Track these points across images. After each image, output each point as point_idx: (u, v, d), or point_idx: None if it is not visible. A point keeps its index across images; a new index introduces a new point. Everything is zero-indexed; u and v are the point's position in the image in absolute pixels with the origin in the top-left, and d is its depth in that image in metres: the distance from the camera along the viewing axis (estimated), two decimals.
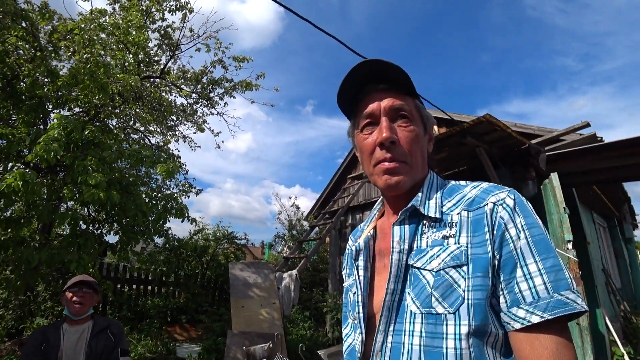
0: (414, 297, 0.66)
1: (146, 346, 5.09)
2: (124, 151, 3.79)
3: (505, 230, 0.63)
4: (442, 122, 6.37)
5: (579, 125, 4.15)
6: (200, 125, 6.90)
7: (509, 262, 0.61)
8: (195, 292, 6.91)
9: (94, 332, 2.15)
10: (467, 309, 0.60)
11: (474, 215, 0.66)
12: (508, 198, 0.65)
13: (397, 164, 0.72)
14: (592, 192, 6.13)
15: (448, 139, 3.84)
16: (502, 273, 0.61)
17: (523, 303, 0.58)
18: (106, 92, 4.12)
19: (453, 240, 0.66)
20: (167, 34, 6.14)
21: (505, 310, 0.60)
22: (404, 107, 0.74)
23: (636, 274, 9.65)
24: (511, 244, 0.62)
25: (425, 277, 0.65)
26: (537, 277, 0.59)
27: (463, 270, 0.62)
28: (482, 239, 0.63)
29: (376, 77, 0.75)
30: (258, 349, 2.41)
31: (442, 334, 0.61)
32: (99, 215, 4.39)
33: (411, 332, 0.64)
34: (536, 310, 0.57)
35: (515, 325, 0.59)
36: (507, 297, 0.61)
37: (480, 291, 0.61)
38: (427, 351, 0.61)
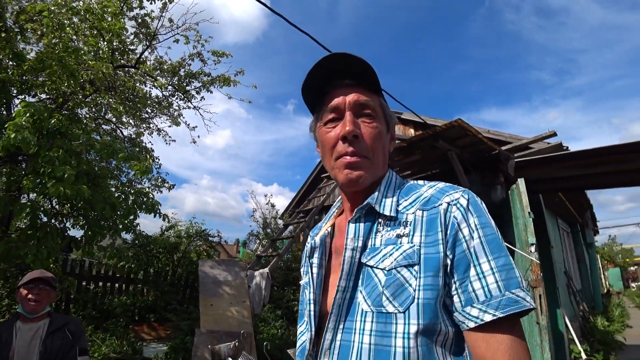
0: (365, 295, 0.65)
1: (111, 346, 4.91)
2: (94, 143, 3.63)
3: (458, 230, 0.63)
4: (418, 126, 6.49)
5: (547, 134, 4.33)
6: (176, 118, 6.72)
7: (462, 262, 0.62)
8: (164, 290, 6.73)
9: (50, 330, 2.05)
10: (417, 308, 0.60)
11: (429, 215, 0.66)
12: (462, 198, 0.66)
13: (358, 159, 0.71)
14: (558, 199, 6.42)
15: (421, 141, 3.91)
16: (456, 272, 0.62)
17: (476, 302, 0.59)
18: (76, 79, 3.94)
19: (406, 240, 0.66)
20: (145, 23, 5.94)
21: (460, 309, 0.61)
22: (369, 103, 0.74)
23: (595, 277, 10.20)
24: (464, 244, 0.62)
25: (377, 275, 0.65)
26: (490, 275, 0.60)
27: (414, 270, 0.62)
28: (434, 239, 0.64)
29: (343, 72, 0.74)
30: (223, 348, 2.37)
31: (391, 332, 0.61)
32: (63, 208, 4.19)
33: (361, 331, 0.63)
34: (489, 308, 0.58)
35: (469, 324, 0.60)
36: (461, 296, 0.61)
37: (431, 290, 0.61)
38: (376, 349, 0.61)
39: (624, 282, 18.98)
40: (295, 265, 8.08)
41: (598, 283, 10.40)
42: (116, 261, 5.46)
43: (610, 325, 7.08)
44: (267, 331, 5.29)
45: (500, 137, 5.25)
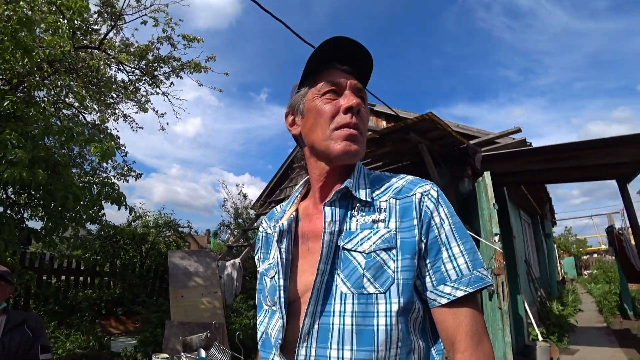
0: (344, 278, 0.67)
1: (76, 342, 4.73)
2: (52, 127, 3.41)
3: (431, 218, 0.69)
4: (390, 118, 6.58)
5: (512, 130, 4.52)
6: (143, 104, 6.45)
7: (434, 246, 0.68)
8: (132, 283, 6.52)
9: (7, 327, 1.93)
10: (397, 288, 0.65)
11: (402, 203, 0.71)
12: (432, 190, 0.72)
13: (358, 133, 0.74)
14: (520, 192, 6.75)
15: (392, 133, 3.98)
16: (428, 256, 0.68)
17: (449, 280, 0.65)
18: (31, 56, 3.66)
19: (383, 225, 0.69)
20: (109, 1, 5.60)
21: (432, 288, 0.67)
22: (363, 92, 0.79)
23: (552, 265, 10.90)
24: (436, 230, 0.68)
25: (357, 258, 0.67)
26: (460, 257, 0.67)
27: (392, 253, 0.67)
28: (410, 224, 0.68)
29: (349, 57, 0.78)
30: (195, 339, 2.34)
31: (373, 312, 0.64)
32: (19, 197, 3.94)
33: (342, 313, 0.65)
34: (460, 285, 0.65)
35: (441, 300, 0.66)
36: (433, 276, 0.67)
37: (408, 271, 0.66)
38: (359, 330, 0.63)
39: (578, 270, 20.36)
40: None
41: (555, 271, 11.14)
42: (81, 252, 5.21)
43: (564, 309, 7.62)
44: (240, 321, 5.26)
45: (468, 131, 5.43)
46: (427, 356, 0.68)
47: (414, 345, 0.65)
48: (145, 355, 4.15)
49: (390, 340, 0.62)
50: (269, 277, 0.78)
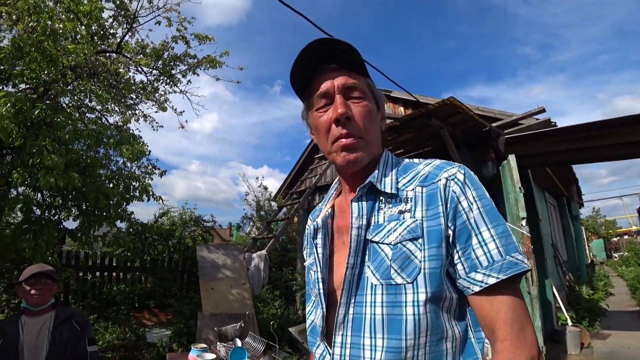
0: (373, 269, 0.69)
1: (114, 333, 4.98)
2: (81, 131, 3.55)
3: (458, 202, 0.67)
4: (408, 104, 6.49)
5: (536, 111, 4.39)
6: (162, 104, 6.56)
7: (463, 232, 0.66)
8: (162, 277, 6.77)
9: (57, 322, 2.06)
10: (424, 278, 0.65)
11: (428, 191, 0.70)
12: (459, 173, 0.70)
13: (354, 140, 0.74)
14: (545, 174, 6.57)
15: (414, 120, 3.93)
16: (458, 242, 0.66)
17: (480, 267, 0.64)
18: (56, 65, 3.79)
19: (409, 215, 0.69)
20: (124, 5, 5.70)
21: (464, 276, 0.66)
22: (357, 85, 0.76)
23: (580, 248, 10.59)
24: (464, 215, 0.67)
25: (384, 250, 0.69)
26: (491, 242, 0.65)
27: (419, 242, 0.67)
28: (435, 212, 0.68)
29: (328, 57, 0.76)
30: (229, 329, 2.43)
31: (401, 302, 0.65)
32: (54, 200, 4.13)
33: (372, 303, 0.67)
34: (492, 272, 0.63)
35: (474, 288, 0.65)
36: (464, 263, 0.66)
37: (435, 260, 0.66)
38: (389, 319, 0.65)
39: (607, 252, 19.72)
40: (291, 246, 8.18)
41: (583, 254, 10.83)
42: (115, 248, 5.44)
43: (595, 293, 7.44)
44: (267, 311, 5.41)
45: (489, 113, 5.30)
46: (463, 344, 0.67)
47: (446, 333, 0.66)
48: (180, 345, 4.34)
49: (419, 329, 0.64)
50: (313, 270, 0.82)
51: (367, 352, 0.67)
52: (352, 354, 0.69)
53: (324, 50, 0.75)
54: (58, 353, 1.99)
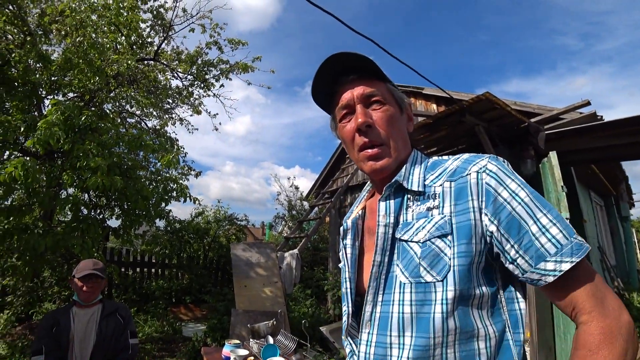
0: (402, 268, 0.69)
1: (153, 326, 5.23)
2: (123, 136, 3.77)
3: (496, 195, 0.64)
4: (440, 101, 6.32)
5: (579, 104, 4.13)
6: (197, 107, 6.82)
7: (513, 224, 0.63)
8: (198, 274, 7.03)
9: (104, 314, 2.21)
10: (454, 275, 0.64)
11: (456, 185, 0.68)
12: (490, 164, 0.68)
13: (378, 150, 0.75)
14: (590, 171, 6.16)
15: (447, 117, 3.82)
16: (510, 236, 0.63)
17: (549, 255, 0.60)
18: (101, 74, 4.05)
19: (437, 211, 0.68)
20: (160, 15, 5.98)
21: (531, 269, 0.62)
22: (375, 92, 0.77)
23: (631, 252, 9.81)
24: (508, 206, 0.63)
25: (413, 248, 0.68)
26: (552, 227, 0.61)
27: (448, 239, 0.65)
28: (464, 207, 0.66)
29: (346, 69, 0.78)
30: (262, 326, 2.49)
31: (431, 300, 0.64)
32: (99, 200, 4.41)
33: (401, 302, 0.67)
34: (564, 257, 0.60)
35: (547, 279, 0.61)
36: (525, 256, 0.62)
37: (465, 257, 0.64)
38: (418, 317, 0.65)
39: None
40: (323, 246, 8.21)
41: (633, 258, 10.01)
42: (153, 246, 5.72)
43: None
44: (298, 310, 5.46)
45: (527, 108, 5.04)
46: (499, 345, 0.65)
47: (477, 332, 0.64)
48: (214, 340, 4.48)
49: (447, 327, 0.63)
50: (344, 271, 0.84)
51: (394, 350, 0.67)
52: (377, 352, 0.69)
53: (341, 63, 0.77)
54: (104, 343, 2.13)
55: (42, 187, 3.48)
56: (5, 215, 3.24)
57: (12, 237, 3.22)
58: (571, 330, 3.22)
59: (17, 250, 3.32)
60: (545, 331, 3.45)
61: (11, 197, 3.92)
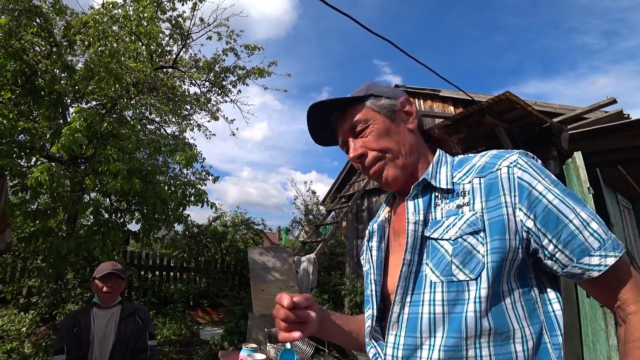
0: (433, 267, 0.67)
1: (171, 329, 5.29)
2: (142, 141, 3.86)
3: (531, 189, 0.63)
4: (458, 103, 6.22)
5: (605, 102, 3.97)
6: (214, 113, 6.94)
7: (550, 218, 0.61)
8: (215, 277, 7.10)
9: (123, 316, 2.24)
10: (487, 273, 0.61)
11: (486, 181, 0.66)
12: (520, 159, 0.66)
13: (377, 166, 0.77)
14: (617, 173, 5.91)
15: (466, 118, 3.75)
16: (547, 230, 0.61)
17: (593, 250, 0.59)
18: (121, 82, 4.17)
19: (468, 208, 0.66)
20: (178, 24, 6.13)
21: (572, 263, 0.61)
22: (356, 122, 0.78)
23: None
24: (544, 200, 0.62)
25: (444, 246, 0.66)
26: (592, 222, 0.60)
27: (480, 236, 0.63)
28: (496, 203, 0.64)
29: (328, 108, 0.81)
30: None
31: (464, 300, 0.62)
32: (120, 204, 4.52)
33: (431, 302, 0.64)
34: (608, 252, 0.59)
35: (592, 274, 0.60)
36: (565, 251, 0.61)
37: (498, 253, 0.61)
38: (450, 317, 0.62)
39: None
40: (340, 250, 8.16)
41: None
42: (172, 250, 5.82)
43: None
44: None
45: (549, 108, 4.90)
46: (536, 347, 0.61)
47: (513, 333, 0.61)
48: (231, 344, 4.49)
49: (480, 326, 0.60)
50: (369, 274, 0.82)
51: (423, 352, 0.64)
52: (405, 354, 0.66)
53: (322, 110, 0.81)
54: (123, 344, 2.16)
55: (66, 191, 3.59)
56: (31, 218, 3.35)
57: (38, 239, 3.33)
58: (600, 340, 3.06)
59: (42, 253, 3.42)
60: (573, 340, 3.30)
61: (37, 202, 4.07)
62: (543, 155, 4.00)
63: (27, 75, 3.80)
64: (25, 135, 3.47)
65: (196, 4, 5.79)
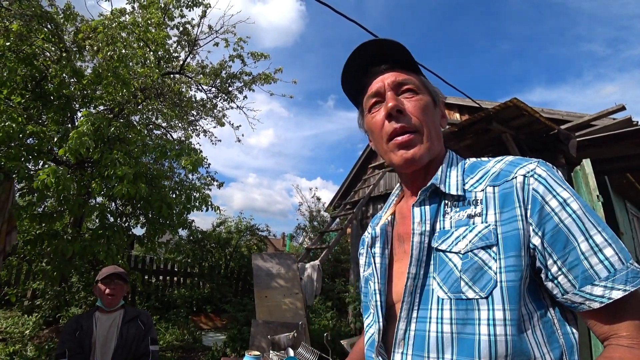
0: (440, 281, 0.62)
1: (174, 334, 5.26)
2: (148, 146, 3.88)
3: (544, 203, 0.57)
4: (464, 110, 6.20)
5: (613, 109, 3.93)
6: (220, 119, 6.97)
7: (559, 237, 0.56)
8: (219, 283, 7.06)
9: (125, 320, 2.23)
10: (501, 292, 0.56)
11: (501, 190, 0.61)
12: (538, 169, 0.61)
13: (410, 136, 0.69)
14: (626, 180, 5.83)
15: (473, 125, 3.72)
16: (553, 251, 0.56)
17: (597, 279, 0.53)
18: (128, 87, 4.21)
19: (480, 219, 0.61)
20: (186, 30, 6.20)
21: (574, 290, 0.55)
22: (407, 80, 0.72)
23: None
24: (555, 217, 0.57)
25: (452, 260, 0.62)
26: (607, 248, 0.54)
27: (493, 251, 0.58)
28: (511, 215, 0.59)
29: (378, 59, 0.73)
30: (283, 338, 2.44)
31: (474, 319, 0.57)
32: (125, 209, 4.53)
33: (439, 319, 0.60)
34: (615, 284, 0.52)
35: (592, 305, 0.54)
36: (569, 275, 0.55)
37: (515, 272, 0.56)
38: (459, 338, 0.57)
39: None
40: (344, 257, 8.11)
41: None
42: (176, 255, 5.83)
43: None
44: (319, 322, 5.37)
45: (556, 115, 4.87)
46: None
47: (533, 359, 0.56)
48: (233, 351, 4.45)
49: (496, 352, 0.54)
50: (371, 281, 0.77)
51: None
52: None
53: (372, 52, 0.73)
54: (124, 348, 2.14)
55: (73, 194, 3.61)
56: (37, 221, 3.37)
57: (43, 242, 3.34)
58: None
59: (47, 255, 3.43)
60: (582, 353, 3.23)
61: (44, 205, 4.10)
62: (551, 163, 3.95)
63: (36, 80, 3.85)
64: (33, 139, 3.50)
65: (205, 12, 5.86)
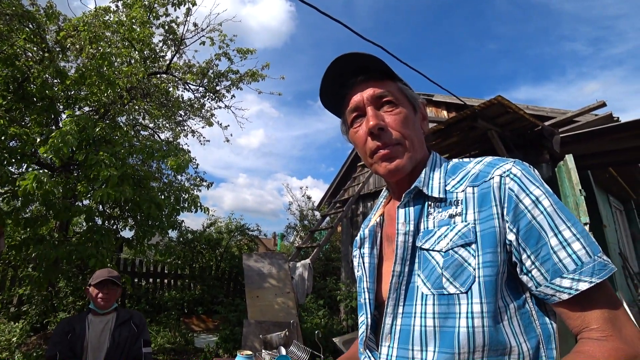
0: (424, 278, 0.65)
1: (165, 337, 5.22)
2: (135, 147, 3.83)
3: (518, 201, 0.61)
4: (451, 107, 6.27)
5: (595, 105, 4.04)
6: (209, 119, 6.92)
7: (532, 233, 0.59)
8: (210, 284, 7.03)
9: (118, 323, 2.21)
10: (479, 287, 0.60)
11: (479, 190, 0.64)
12: (514, 168, 0.64)
13: (392, 149, 0.71)
14: (608, 175, 6.00)
15: (459, 123, 3.78)
16: (527, 246, 0.60)
17: (566, 272, 0.57)
18: (114, 87, 4.14)
19: (460, 219, 0.65)
20: (172, 29, 6.12)
21: (545, 283, 0.58)
22: (386, 93, 0.73)
23: None
24: (528, 215, 0.60)
25: (435, 258, 0.65)
26: (575, 242, 0.57)
27: (472, 249, 0.62)
28: (488, 214, 0.62)
29: (354, 71, 0.75)
30: (274, 337, 2.45)
31: (455, 313, 0.61)
32: (113, 211, 4.47)
33: (423, 314, 0.63)
34: (582, 276, 0.56)
35: (561, 296, 0.57)
36: (541, 269, 0.59)
37: (491, 267, 0.60)
38: (441, 331, 0.61)
39: None
40: (335, 256, 8.15)
41: None
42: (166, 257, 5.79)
43: None
44: (311, 320, 5.39)
45: (541, 112, 4.96)
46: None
47: (510, 349, 0.59)
48: (226, 351, 4.44)
49: (474, 343, 0.58)
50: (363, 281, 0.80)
51: None
52: None
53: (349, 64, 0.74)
54: (117, 351, 2.12)
55: (58, 198, 3.54)
56: (22, 226, 3.30)
57: (28, 247, 3.27)
58: None
59: (33, 261, 3.37)
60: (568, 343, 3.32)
61: (29, 210, 4.01)
62: (535, 159, 4.05)
63: (18, 81, 3.76)
64: (16, 142, 3.42)
65: (189, 9, 5.79)
